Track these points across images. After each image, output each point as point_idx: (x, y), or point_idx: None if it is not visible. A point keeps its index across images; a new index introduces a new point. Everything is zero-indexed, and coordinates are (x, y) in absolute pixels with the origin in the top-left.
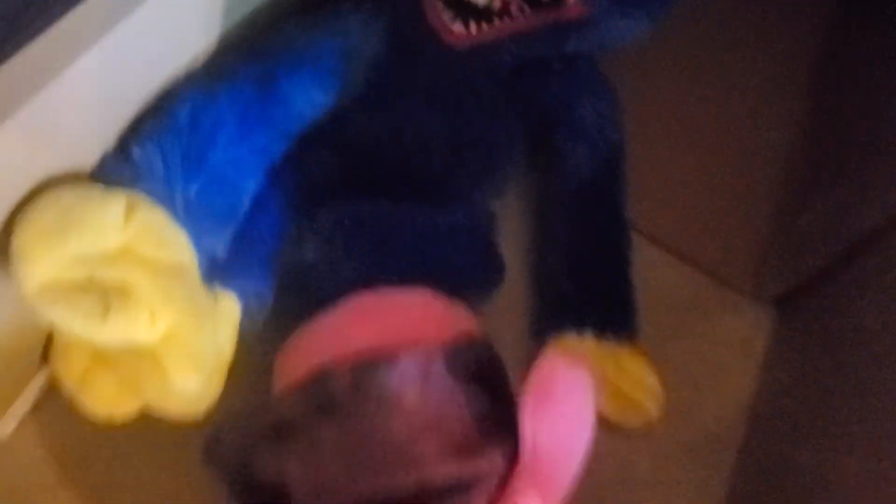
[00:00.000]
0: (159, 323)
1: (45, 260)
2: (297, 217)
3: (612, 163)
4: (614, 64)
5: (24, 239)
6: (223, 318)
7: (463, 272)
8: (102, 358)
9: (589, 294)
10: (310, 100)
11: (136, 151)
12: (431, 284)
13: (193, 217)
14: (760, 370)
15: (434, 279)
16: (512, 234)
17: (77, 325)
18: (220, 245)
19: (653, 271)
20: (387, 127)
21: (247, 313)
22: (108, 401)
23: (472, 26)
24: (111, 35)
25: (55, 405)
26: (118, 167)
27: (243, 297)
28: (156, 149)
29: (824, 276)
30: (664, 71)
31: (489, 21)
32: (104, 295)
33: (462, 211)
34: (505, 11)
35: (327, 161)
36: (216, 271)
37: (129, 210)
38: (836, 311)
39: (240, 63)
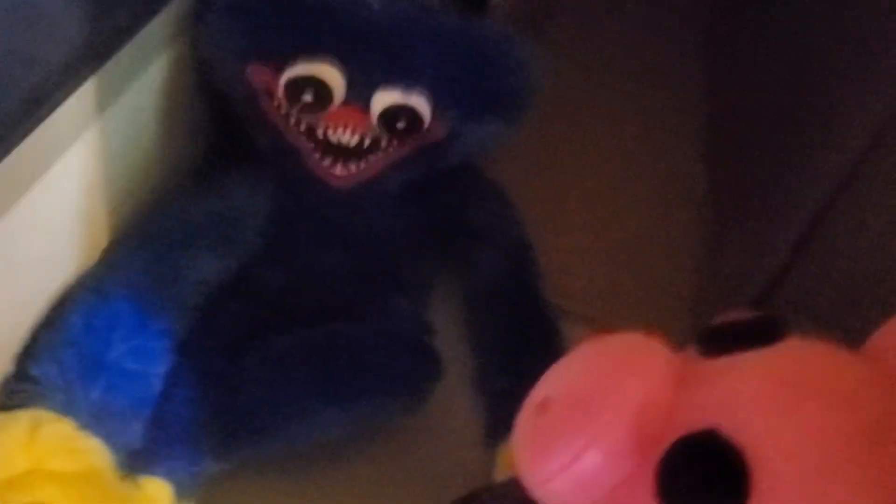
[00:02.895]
0: None
1: None
2: (215, 376)
3: (519, 256)
4: (503, 165)
5: None
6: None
7: (397, 371)
8: None
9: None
10: (207, 269)
11: (33, 368)
12: (368, 390)
13: (101, 418)
14: None
15: (370, 384)
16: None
17: None
18: (135, 435)
19: None
20: (290, 271)
21: (181, 487)
22: None
23: (352, 166)
24: None
25: None
26: (18, 387)
27: (173, 475)
28: (52, 362)
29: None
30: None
31: (364, 158)
32: None
33: (382, 318)
34: (376, 147)
35: (238, 314)
36: (137, 460)
37: (33, 430)
38: None
39: (131, 250)
